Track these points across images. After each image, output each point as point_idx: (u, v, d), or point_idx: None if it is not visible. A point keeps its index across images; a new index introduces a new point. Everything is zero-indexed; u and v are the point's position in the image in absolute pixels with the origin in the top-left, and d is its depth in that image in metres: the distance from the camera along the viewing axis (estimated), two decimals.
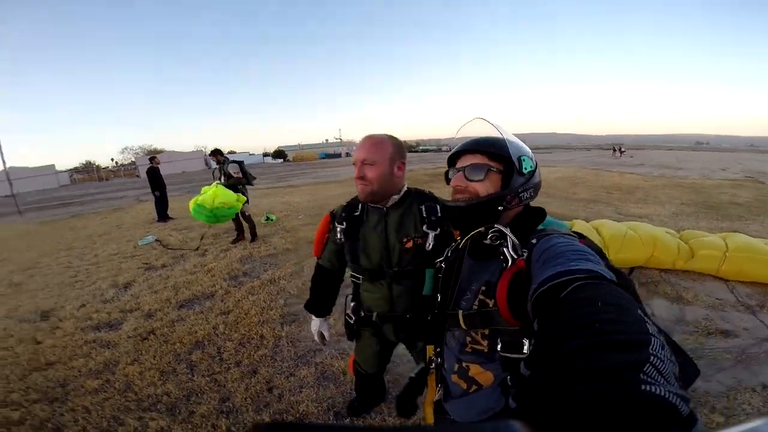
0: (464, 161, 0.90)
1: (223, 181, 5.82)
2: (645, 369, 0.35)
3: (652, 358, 0.36)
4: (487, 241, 0.80)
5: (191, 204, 5.21)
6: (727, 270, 3.61)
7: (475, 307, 0.82)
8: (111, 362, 2.66)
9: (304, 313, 3.21)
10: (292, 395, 2.20)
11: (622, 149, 38.54)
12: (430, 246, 1.31)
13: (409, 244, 1.32)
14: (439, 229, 1.32)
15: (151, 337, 2.97)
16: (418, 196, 1.39)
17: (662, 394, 0.32)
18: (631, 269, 3.90)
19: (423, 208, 1.34)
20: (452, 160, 0.95)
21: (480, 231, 0.84)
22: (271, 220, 7.23)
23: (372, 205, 1.37)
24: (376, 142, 1.28)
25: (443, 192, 1.08)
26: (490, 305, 0.79)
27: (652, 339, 0.39)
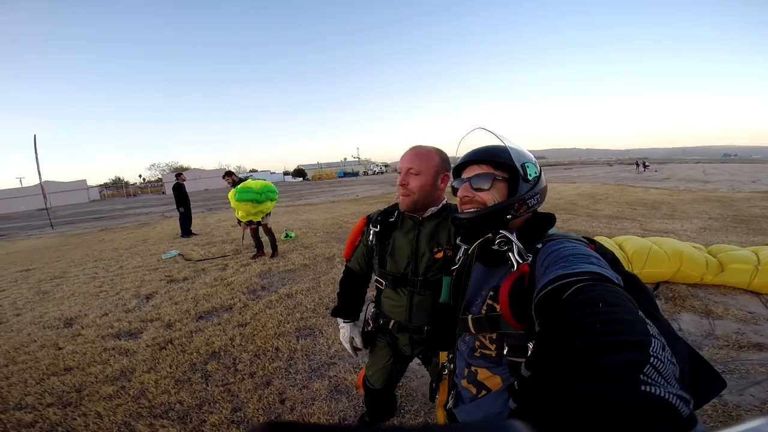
0: (469, 172, 0.91)
1: None
2: (645, 370, 0.35)
3: (652, 359, 0.37)
4: (495, 247, 0.81)
5: (231, 195, 5.50)
6: (760, 283, 3.47)
7: (484, 312, 0.83)
8: (128, 370, 2.71)
9: (319, 327, 3.21)
10: (304, 407, 2.18)
11: (646, 164, 37.47)
12: (460, 259, 1.31)
13: (439, 255, 1.32)
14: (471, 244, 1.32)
15: (169, 346, 3.02)
16: (455, 211, 1.40)
17: (662, 394, 0.32)
18: (657, 284, 3.76)
19: None
20: (458, 172, 0.96)
21: (488, 237, 0.85)
22: (291, 237, 7.32)
23: (408, 213, 1.39)
24: (422, 152, 1.29)
25: None
26: (497, 309, 0.79)
27: (653, 340, 0.39)
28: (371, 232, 1.45)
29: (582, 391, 0.34)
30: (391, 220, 1.42)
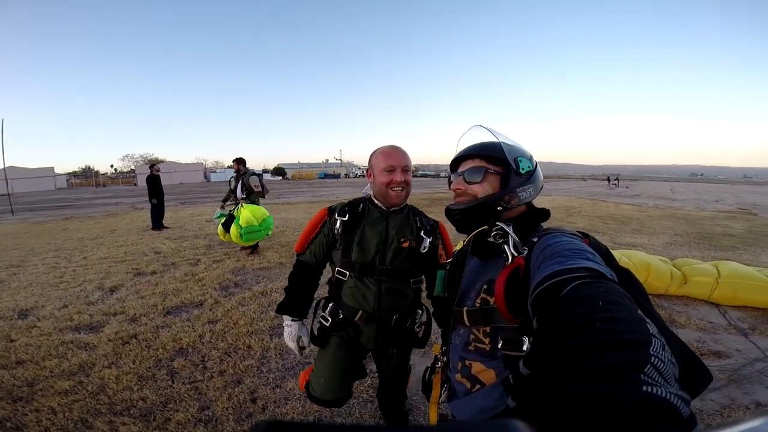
0: (464, 166, 0.94)
1: (239, 194, 5.89)
2: (646, 369, 0.35)
3: (652, 358, 0.36)
4: (491, 239, 0.82)
5: (221, 232, 5.53)
6: (720, 295, 3.67)
7: (478, 304, 0.84)
8: (87, 364, 2.57)
9: None
10: (277, 407, 2.12)
11: (617, 180, 38.84)
12: (425, 249, 1.44)
13: (406, 244, 1.42)
14: (432, 237, 1.46)
15: (133, 341, 2.88)
16: (412, 209, 1.55)
17: (663, 395, 0.32)
18: None
19: (418, 219, 1.50)
20: (454, 166, 0.99)
21: (484, 229, 0.86)
22: (267, 234, 7.19)
23: (374, 205, 1.47)
24: (405, 151, 1.41)
25: (442, 216, 1.15)
26: (491, 302, 0.80)
27: (653, 339, 0.39)
28: (338, 221, 1.45)
29: (582, 391, 0.34)
30: (359, 211, 1.46)
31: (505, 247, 0.77)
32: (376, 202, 1.46)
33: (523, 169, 0.88)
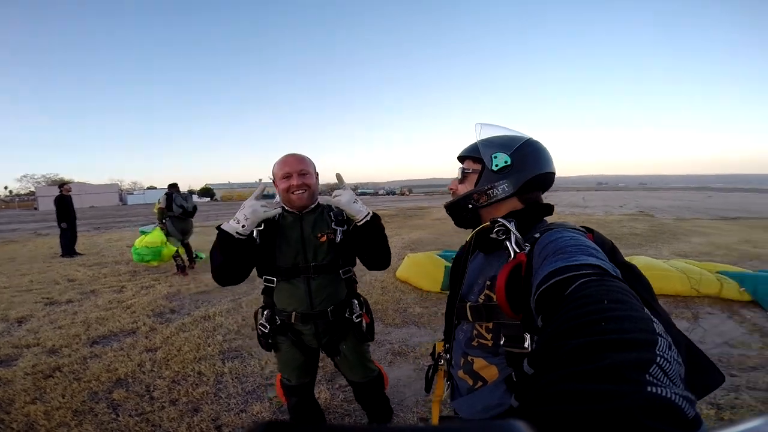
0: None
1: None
2: (651, 370, 0.34)
3: (658, 358, 0.36)
4: (494, 235, 0.79)
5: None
6: None
7: (481, 300, 0.83)
8: (3, 401, 2.20)
9: (247, 349, 2.95)
10: None
11: None
12: (339, 239, 1.49)
13: (323, 239, 1.47)
14: (345, 226, 1.51)
15: (57, 374, 2.51)
16: (326, 206, 1.58)
17: (668, 395, 0.31)
18: None
19: (332, 213, 1.54)
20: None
21: (487, 225, 0.84)
22: (200, 257, 6.66)
23: (288, 212, 1.50)
24: (303, 156, 1.49)
25: (396, 236, 1.08)
26: (494, 299, 0.78)
27: (659, 339, 0.38)
28: (254, 232, 1.46)
29: (586, 391, 0.33)
30: (275, 220, 1.50)
31: (508, 243, 0.75)
32: (287, 208, 1.51)
33: (496, 165, 0.86)
